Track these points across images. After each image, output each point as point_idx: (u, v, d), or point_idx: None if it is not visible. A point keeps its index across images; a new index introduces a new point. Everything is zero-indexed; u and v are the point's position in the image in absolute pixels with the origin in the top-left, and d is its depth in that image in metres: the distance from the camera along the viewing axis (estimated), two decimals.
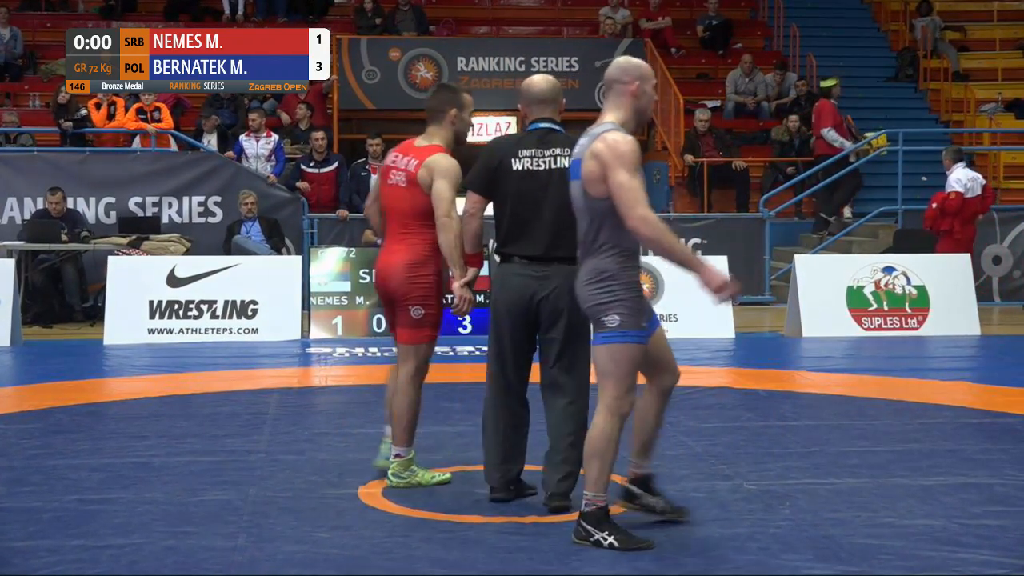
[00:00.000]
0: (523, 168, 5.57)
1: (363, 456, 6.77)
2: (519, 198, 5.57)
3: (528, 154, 5.58)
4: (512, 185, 5.57)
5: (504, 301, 5.60)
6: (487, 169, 5.65)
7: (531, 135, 5.68)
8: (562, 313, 5.48)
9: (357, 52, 17.90)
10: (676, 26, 19.93)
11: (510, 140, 5.87)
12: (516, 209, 5.57)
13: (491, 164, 5.64)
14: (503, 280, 5.64)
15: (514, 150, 5.63)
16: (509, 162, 5.57)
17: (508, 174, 5.57)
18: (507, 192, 5.59)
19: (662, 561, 4.87)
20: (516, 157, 5.58)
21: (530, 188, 5.55)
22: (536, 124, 5.70)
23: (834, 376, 10.05)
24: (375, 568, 4.82)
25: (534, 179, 5.56)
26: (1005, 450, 7.05)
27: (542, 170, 5.56)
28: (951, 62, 19.89)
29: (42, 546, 5.12)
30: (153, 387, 9.41)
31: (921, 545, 5.12)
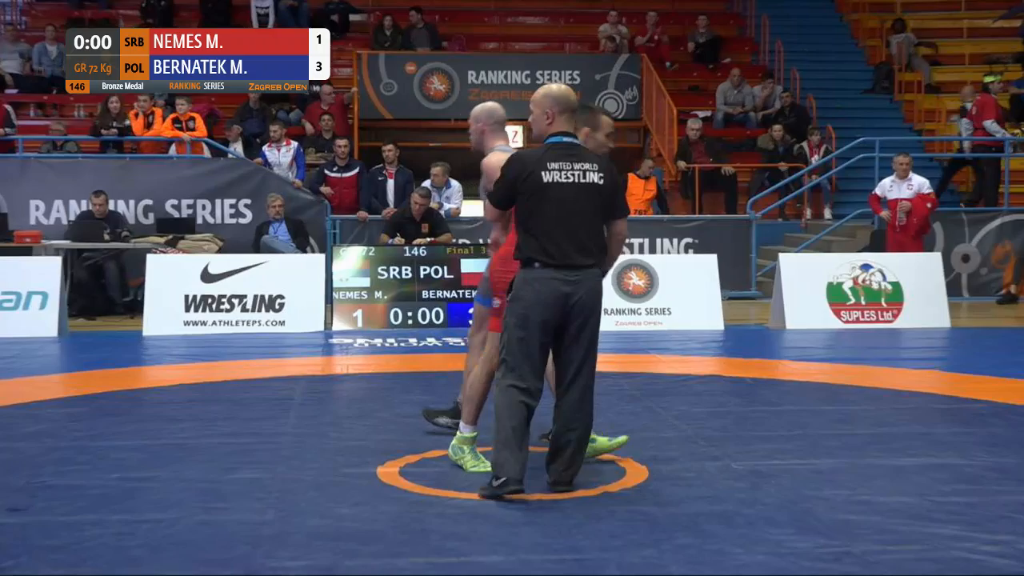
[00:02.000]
0: (554, 180, 5.35)
1: (381, 438, 6.79)
2: (551, 209, 5.35)
3: (556, 167, 5.38)
4: (543, 197, 5.36)
5: (537, 304, 5.33)
6: (514, 183, 5.42)
7: (559, 148, 5.46)
8: (591, 315, 5.43)
9: (376, 66, 17.92)
10: (670, 42, 19.92)
11: (536, 154, 5.48)
12: (548, 220, 5.35)
13: (524, 176, 5.39)
14: (535, 285, 5.35)
15: (544, 163, 5.39)
16: (538, 175, 5.36)
17: (538, 187, 5.35)
18: (538, 203, 5.37)
19: (655, 535, 4.88)
20: (545, 170, 5.37)
21: (561, 199, 5.35)
22: (561, 137, 5.49)
23: (815, 365, 10.05)
24: (391, 540, 4.83)
25: (564, 191, 5.36)
26: (972, 433, 7.05)
27: (570, 183, 5.37)
28: (923, 75, 19.88)
29: (87, 520, 5.13)
30: (188, 375, 9.43)
31: (895, 520, 5.12)
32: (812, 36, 20.84)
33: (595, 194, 5.40)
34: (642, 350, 10.75)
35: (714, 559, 4.61)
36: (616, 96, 18.28)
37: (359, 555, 4.64)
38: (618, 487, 5.69)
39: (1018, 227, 15.01)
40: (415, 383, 8.96)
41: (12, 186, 13.97)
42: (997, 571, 4.49)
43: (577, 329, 5.40)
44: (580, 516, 5.18)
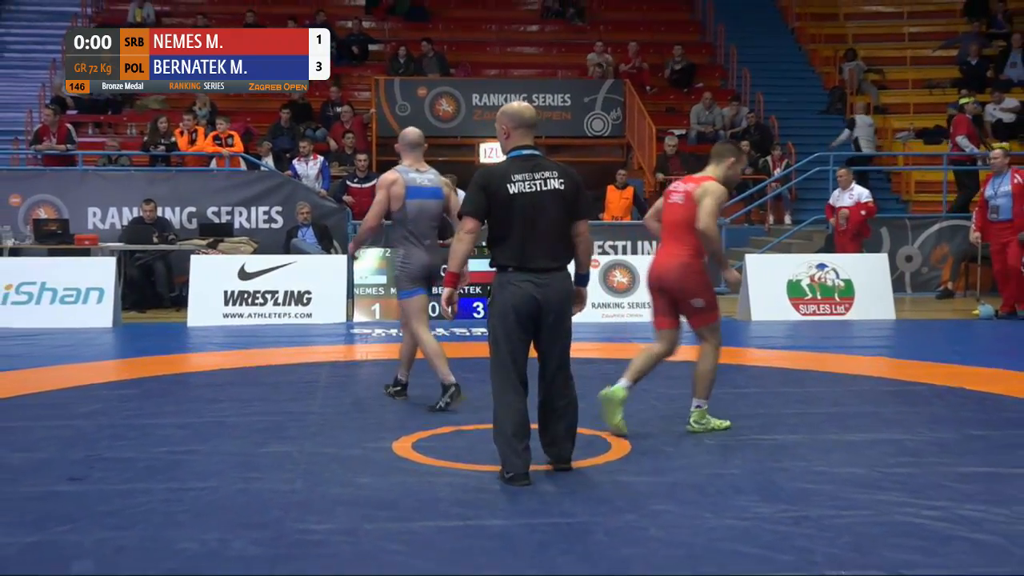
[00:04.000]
0: (520, 191, 5.17)
1: (396, 417, 6.79)
2: (518, 218, 5.17)
3: (520, 178, 5.19)
4: (510, 207, 5.17)
5: (513, 307, 5.17)
6: (483, 195, 5.21)
7: (519, 161, 5.28)
8: (563, 313, 5.29)
9: (391, 90, 17.91)
10: (649, 69, 19.92)
11: (499, 169, 5.27)
12: (516, 228, 5.18)
13: (487, 190, 5.20)
14: (510, 288, 5.20)
15: (508, 176, 5.20)
16: (504, 188, 5.16)
17: (507, 198, 5.16)
18: (506, 213, 5.18)
19: (637, 501, 4.89)
20: (510, 182, 5.17)
21: (526, 208, 5.17)
22: (521, 151, 5.30)
23: (777, 352, 10.05)
24: (405, 507, 4.83)
25: (529, 200, 5.17)
26: (915, 412, 7.05)
27: (535, 192, 5.19)
28: (872, 98, 19.87)
29: (137, 488, 5.14)
30: (226, 361, 9.43)
31: (847, 489, 5.13)
32: (774, 64, 20.81)
33: (558, 199, 5.22)
34: (625, 339, 10.74)
35: (689, 523, 4.61)
36: (602, 116, 18.27)
37: (376, 519, 4.64)
38: (604, 460, 5.70)
39: (955, 231, 15.02)
40: (426, 368, 8.94)
41: (73, 195, 13.96)
42: (936, 532, 4.49)
43: (551, 326, 5.25)
44: (572, 485, 5.19)
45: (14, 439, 6.19)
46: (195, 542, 4.34)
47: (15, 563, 4.14)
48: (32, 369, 8.79)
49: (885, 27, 21.93)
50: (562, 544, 4.34)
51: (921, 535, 4.47)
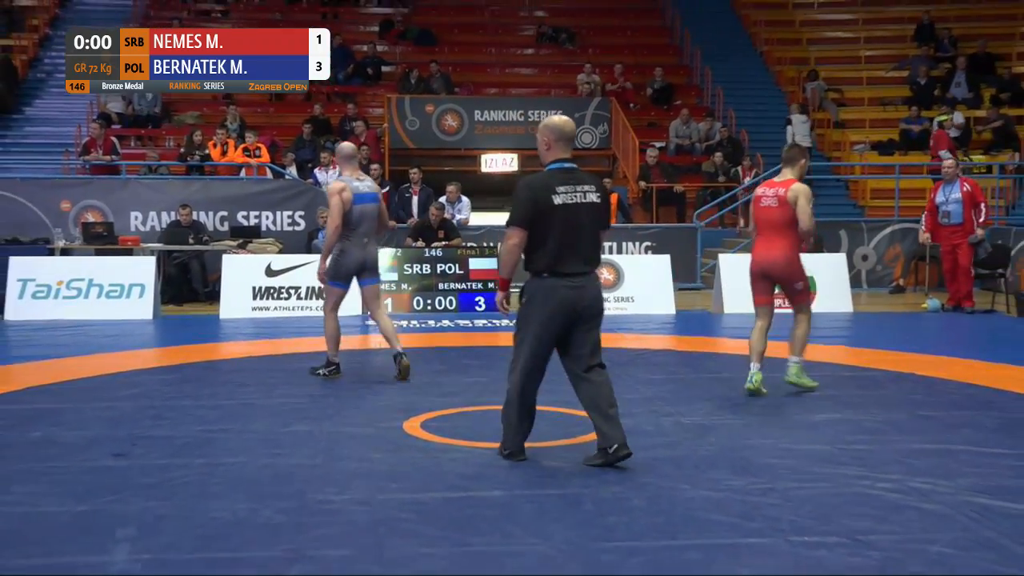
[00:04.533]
0: (563, 202, 4.95)
1: (406, 399, 6.78)
2: (559, 227, 4.95)
3: (563, 190, 4.97)
4: (553, 216, 4.94)
5: (553, 310, 4.99)
6: (532, 206, 4.97)
7: (560, 173, 5.07)
8: (598, 311, 5.12)
9: (402, 107, 17.90)
10: (633, 88, 19.91)
11: (543, 180, 5.06)
12: (556, 236, 4.95)
13: (538, 201, 4.97)
14: (550, 292, 5.00)
15: (552, 188, 4.99)
16: (549, 199, 4.95)
17: (552, 208, 4.94)
18: (548, 222, 4.95)
19: (621, 475, 4.89)
20: (555, 193, 4.96)
21: (571, 218, 4.97)
22: (561, 163, 5.10)
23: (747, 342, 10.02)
24: (414, 479, 4.83)
25: (574, 210, 4.97)
26: (870, 395, 7.07)
27: (576, 203, 4.98)
28: (832, 114, 19.88)
29: (175, 463, 5.14)
30: (255, 349, 9.43)
31: (810, 464, 5.13)
32: (744, 84, 20.80)
33: (594, 211, 5.07)
34: (610, 329, 10.73)
35: (668, 494, 4.62)
36: (591, 130, 18.26)
37: (388, 491, 4.65)
38: (592, 438, 5.68)
39: (906, 233, 15.03)
40: (433, 356, 8.97)
41: (117, 201, 13.94)
42: (889, 503, 4.50)
43: (586, 327, 5.09)
44: (563, 461, 5.20)
45: (65, 419, 6.20)
46: (227, 511, 4.34)
47: (67, 529, 4.14)
48: (80, 357, 8.80)
49: (843, 51, 21.93)
50: (555, 513, 4.35)
51: (875, 504, 4.48)
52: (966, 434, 5.82)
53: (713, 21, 22.20)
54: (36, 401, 6.77)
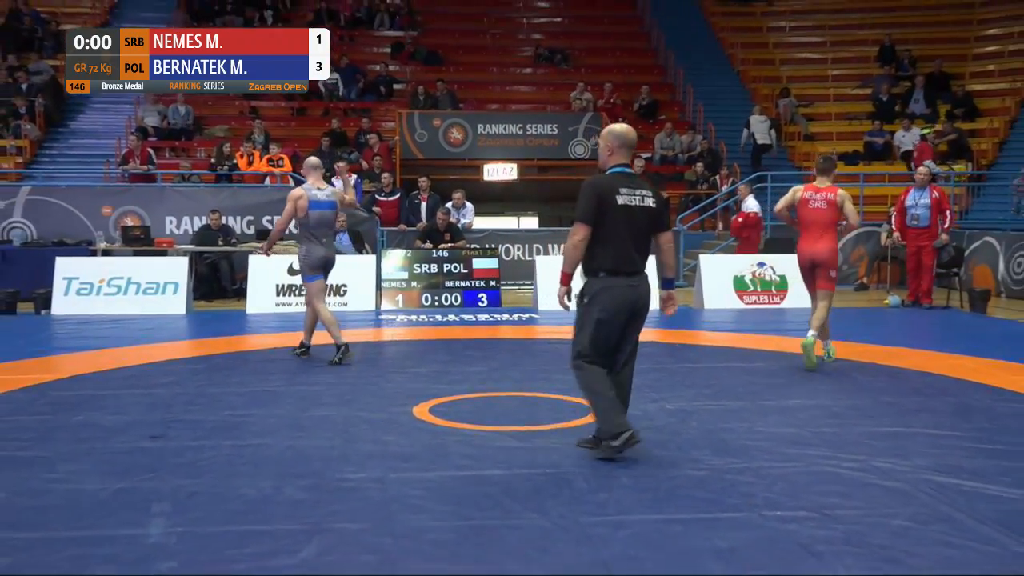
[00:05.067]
0: (625, 204, 4.77)
1: (416, 386, 6.78)
2: (620, 227, 4.77)
3: (625, 192, 4.78)
4: (615, 217, 4.75)
5: (616, 307, 4.79)
6: (597, 204, 4.75)
7: (620, 177, 4.87)
8: (646, 309, 4.95)
9: (412, 121, 17.87)
10: (621, 104, 19.90)
11: (607, 181, 4.83)
12: (616, 236, 4.77)
13: (603, 200, 4.75)
14: (612, 291, 4.79)
15: (616, 189, 4.78)
16: (613, 199, 4.75)
17: (615, 208, 4.75)
18: (610, 222, 4.75)
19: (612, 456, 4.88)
20: (618, 194, 4.76)
21: (630, 219, 4.79)
22: (622, 168, 4.91)
23: (724, 334, 10.05)
24: (422, 459, 4.83)
25: (633, 212, 4.79)
26: (837, 383, 7.06)
27: (635, 205, 4.79)
28: (802, 128, 19.87)
29: (206, 444, 5.14)
30: (278, 341, 9.41)
31: (782, 445, 5.13)
32: (723, 100, 20.79)
33: (648, 214, 4.86)
34: None
35: (654, 473, 4.62)
36: (583, 142, 18.22)
37: (400, 469, 4.65)
38: (585, 422, 5.69)
39: (870, 236, 15.00)
40: (440, 347, 8.97)
41: (153, 207, 13.93)
42: (854, 481, 4.50)
43: (637, 324, 4.95)
44: (559, 442, 5.19)
45: (105, 405, 6.19)
46: (253, 488, 4.34)
47: (108, 505, 4.14)
48: (120, 348, 8.79)
49: (813, 70, 21.91)
50: (551, 490, 4.34)
51: (842, 482, 4.48)
52: (924, 418, 5.82)
53: (694, 43, 22.18)
54: (79, 388, 6.77)
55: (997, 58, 20.84)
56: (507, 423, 5.62)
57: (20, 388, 6.74)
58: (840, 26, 22.41)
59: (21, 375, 7.25)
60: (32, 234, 13.55)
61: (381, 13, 21.94)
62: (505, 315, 11.46)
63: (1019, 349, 8.69)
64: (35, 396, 6.48)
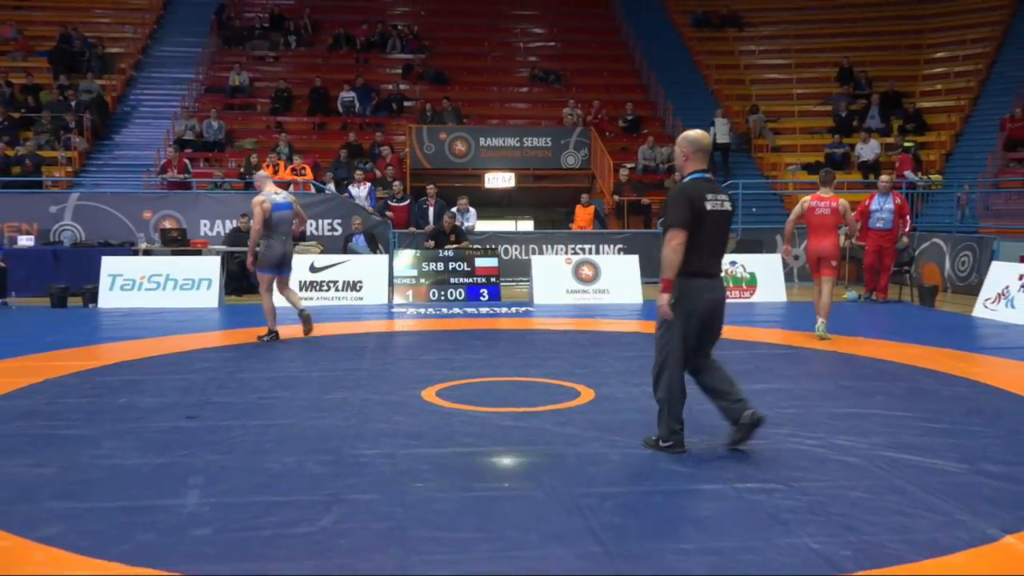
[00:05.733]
0: (712, 208, 4.41)
1: (424, 372, 6.77)
2: (708, 231, 4.42)
3: (711, 197, 4.41)
4: (704, 221, 4.40)
5: (705, 308, 4.48)
6: (691, 209, 4.38)
7: (704, 183, 4.48)
8: (725, 307, 4.66)
9: (421, 135, 17.84)
10: (608, 119, 19.86)
11: (695, 187, 4.45)
12: (704, 240, 4.41)
13: (695, 206, 4.38)
14: (701, 293, 4.46)
15: (704, 195, 4.41)
16: (703, 204, 4.39)
17: (705, 213, 4.40)
18: (699, 227, 4.39)
19: (600, 433, 4.87)
20: (706, 200, 4.40)
21: (716, 223, 4.45)
22: (702, 174, 4.52)
23: None
24: (430, 436, 4.82)
25: (718, 217, 4.44)
26: (800, 368, 7.06)
27: (719, 210, 4.44)
28: (769, 140, 19.84)
29: (236, 424, 5.13)
30: (300, 332, 9.39)
31: None
32: (699, 115, 20.63)
33: (728, 218, 4.52)
34: (590, 315, 10.74)
35: (636, 450, 4.61)
36: (574, 154, 18.20)
37: (410, 446, 4.64)
38: (574, 404, 5.69)
39: None
40: (445, 337, 8.96)
41: (189, 211, 13.91)
42: (816, 456, 4.50)
43: (719, 322, 4.61)
44: (552, 423, 5.18)
45: (146, 388, 6.18)
46: (278, 463, 4.33)
47: (148, 478, 4.13)
48: (158, 338, 8.78)
49: (779, 89, 21.86)
50: (544, 465, 4.34)
51: (804, 457, 4.47)
52: (879, 400, 5.81)
53: (673, 65, 22.14)
54: (123, 373, 6.76)
55: (944, 78, 20.84)
56: (506, 405, 5.62)
57: (69, 373, 6.72)
58: (804, 50, 22.38)
59: (70, 361, 7.23)
60: (80, 236, 13.52)
61: (393, 38, 21.89)
62: (504, 308, 11.45)
63: (963, 339, 8.70)
64: (83, 381, 6.47)
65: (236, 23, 21.79)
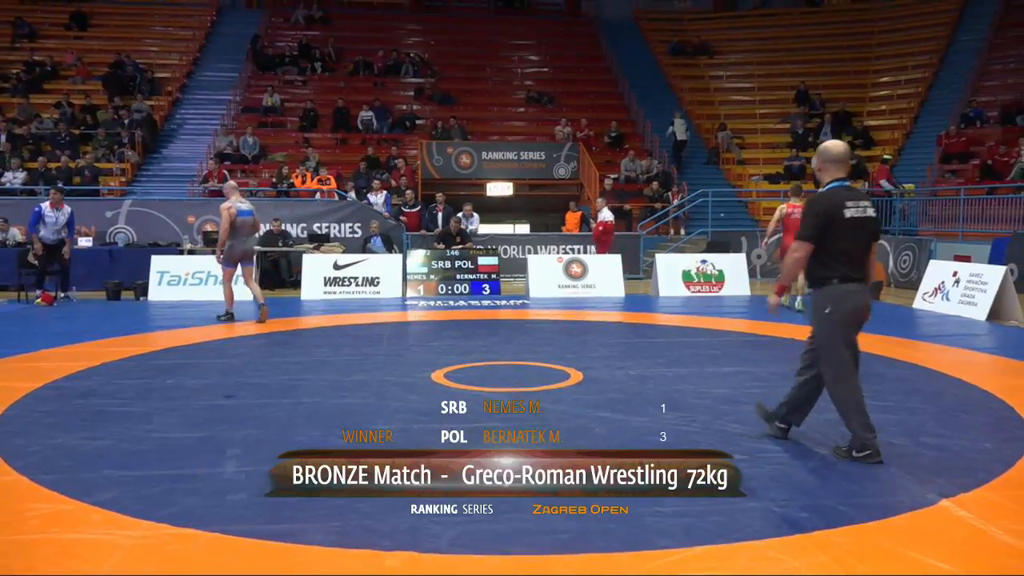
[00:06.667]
0: (852, 216, 3.99)
1: (434, 357, 6.75)
2: (850, 237, 4.00)
3: (851, 205, 4.00)
4: (845, 228, 3.98)
5: (853, 313, 4.03)
6: (821, 222, 4.00)
7: (842, 191, 4.06)
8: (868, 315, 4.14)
9: (431, 149, 17.79)
10: (594, 136, 19.82)
11: (832, 196, 4.04)
12: (847, 245, 4.00)
13: (830, 215, 3.99)
14: (848, 298, 4.02)
15: (842, 203, 4.00)
16: (840, 213, 3.98)
17: (843, 221, 3.98)
18: (841, 234, 3.99)
19: (587, 410, 4.85)
20: (845, 207, 3.99)
21: (854, 230, 4.00)
22: (842, 182, 4.10)
23: (675, 316, 10.03)
24: (439, 414, 4.79)
25: (858, 224, 4.00)
26: (763, 354, 7.05)
27: (860, 217, 4.00)
28: (736, 155, 19.80)
29: (269, 403, 5.11)
30: (325, 321, 9.38)
31: (720, 403, 5.12)
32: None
33: (871, 224, 4.07)
34: (579, 308, 10.73)
35: (619, 425, 4.60)
36: (564, 166, 18.15)
37: (420, 422, 4.63)
38: (565, 385, 5.68)
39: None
40: (452, 326, 8.94)
41: None
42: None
43: (860, 327, 4.11)
44: (545, 401, 5.16)
45: (190, 370, 6.17)
46: (306, 437, 4.32)
47: (192, 450, 4.12)
48: (201, 327, 8.75)
49: (744, 109, 21.83)
50: (538, 439, 4.32)
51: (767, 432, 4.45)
52: None
53: (651, 88, 22.09)
54: (169, 358, 6.74)
55: (888, 100, 20.84)
56: (505, 385, 5.60)
57: (123, 358, 6.71)
58: (765, 75, 22.35)
59: (124, 347, 7.21)
60: (133, 237, 13.48)
61: (406, 64, 21.83)
62: (503, 301, 11.43)
63: (905, 328, 8.69)
64: (135, 364, 6.45)
65: (269, 51, 21.70)
